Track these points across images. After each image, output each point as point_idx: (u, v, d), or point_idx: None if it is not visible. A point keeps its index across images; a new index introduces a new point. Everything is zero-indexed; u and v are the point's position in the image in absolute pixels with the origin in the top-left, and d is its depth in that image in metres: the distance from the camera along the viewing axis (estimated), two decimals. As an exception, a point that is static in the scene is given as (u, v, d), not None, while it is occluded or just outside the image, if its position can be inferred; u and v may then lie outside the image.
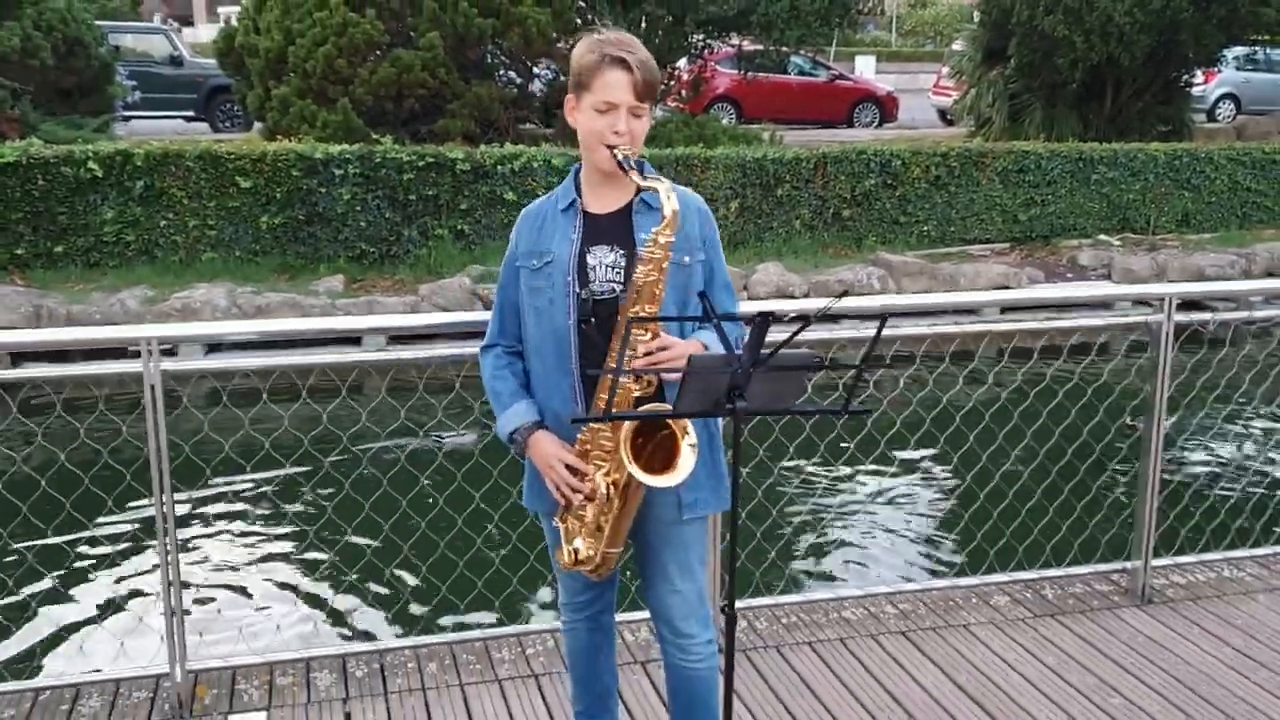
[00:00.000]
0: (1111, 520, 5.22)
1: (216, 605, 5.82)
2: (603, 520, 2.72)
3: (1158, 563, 4.62)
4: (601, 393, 2.66)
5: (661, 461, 2.60)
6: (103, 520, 6.06)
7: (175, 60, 20.08)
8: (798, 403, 2.40)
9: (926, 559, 6.45)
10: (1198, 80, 20.83)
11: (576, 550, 2.78)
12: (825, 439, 5.05)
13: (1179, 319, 4.24)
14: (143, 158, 11.15)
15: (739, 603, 4.29)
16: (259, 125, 15.47)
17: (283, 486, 4.94)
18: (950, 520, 6.93)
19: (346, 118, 13.28)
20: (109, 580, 6.04)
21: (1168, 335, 4.22)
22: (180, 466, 3.73)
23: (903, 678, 3.88)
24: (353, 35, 13.32)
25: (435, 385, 4.97)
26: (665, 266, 2.61)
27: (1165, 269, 13.32)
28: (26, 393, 7.21)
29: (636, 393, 2.65)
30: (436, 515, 4.51)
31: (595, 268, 2.73)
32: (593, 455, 2.70)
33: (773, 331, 2.33)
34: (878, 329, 2.27)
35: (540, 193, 11.18)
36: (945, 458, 7.03)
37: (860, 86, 25.10)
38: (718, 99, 21.94)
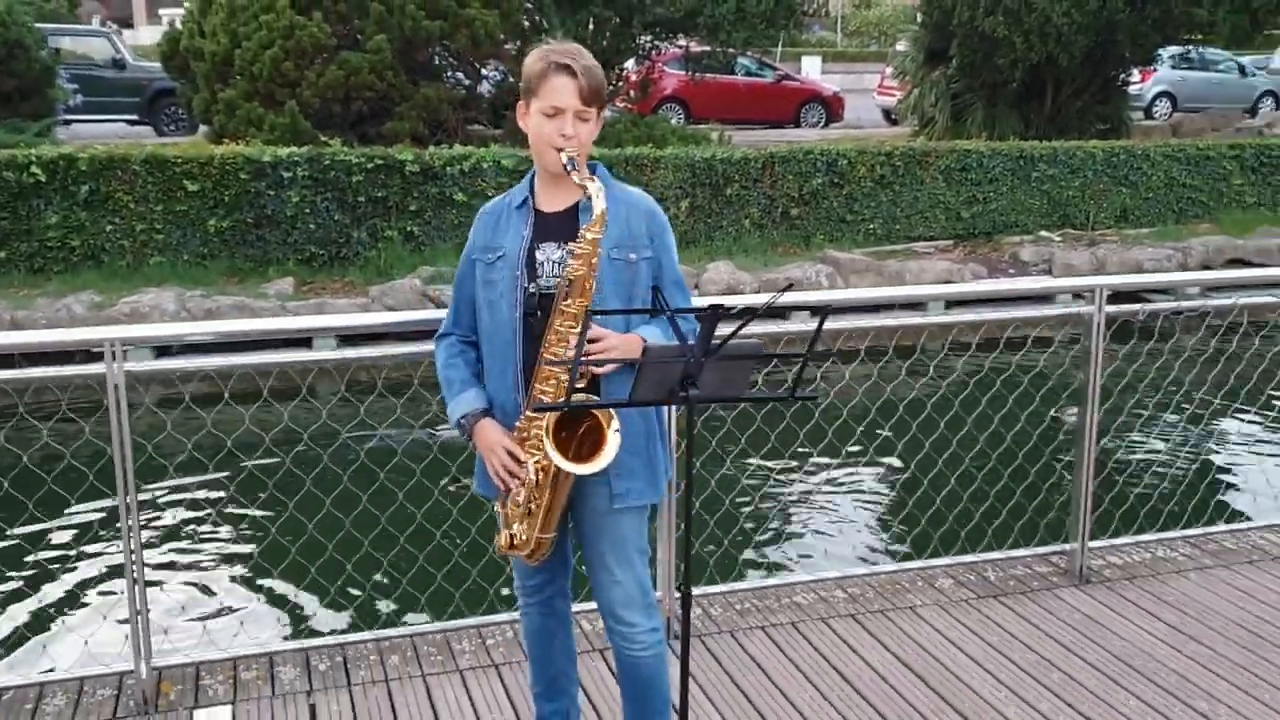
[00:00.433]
0: (1050, 505, 5.41)
1: (180, 603, 5.87)
2: (534, 505, 2.85)
3: (1095, 544, 4.80)
4: (536, 382, 2.79)
5: (590, 450, 2.73)
6: (65, 521, 6.09)
7: (118, 63, 19.88)
8: (747, 391, 2.53)
9: (874, 545, 6.64)
10: (1135, 79, 21.31)
11: (513, 535, 2.91)
12: (776, 430, 5.18)
13: (1110, 310, 4.42)
14: (87, 162, 11.08)
15: (693, 590, 4.41)
16: (205, 129, 15.39)
17: (244, 485, 5.00)
18: (896, 507, 7.12)
19: (294, 120, 13.27)
20: (72, 580, 6.07)
21: (1099, 326, 4.39)
22: (141, 467, 3.78)
23: (852, 658, 4.02)
24: (300, 38, 13.31)
25: (391, 383, 5.05)
26: (594, 262, 2.75)
27: (1104, 263, 13.62)
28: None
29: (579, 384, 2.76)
30: (396, 510, 4.59)
31: (543, 263, 2.87)
32: (528, 443, 2.83)
33: (727, 326, 2.45)
34: (820, 321, 2.40)
35: (490, 193, 11.28)
36: (890, 447, 7.21)
37: (807, 87, 25.39)
38: (666, 99, 22.10)
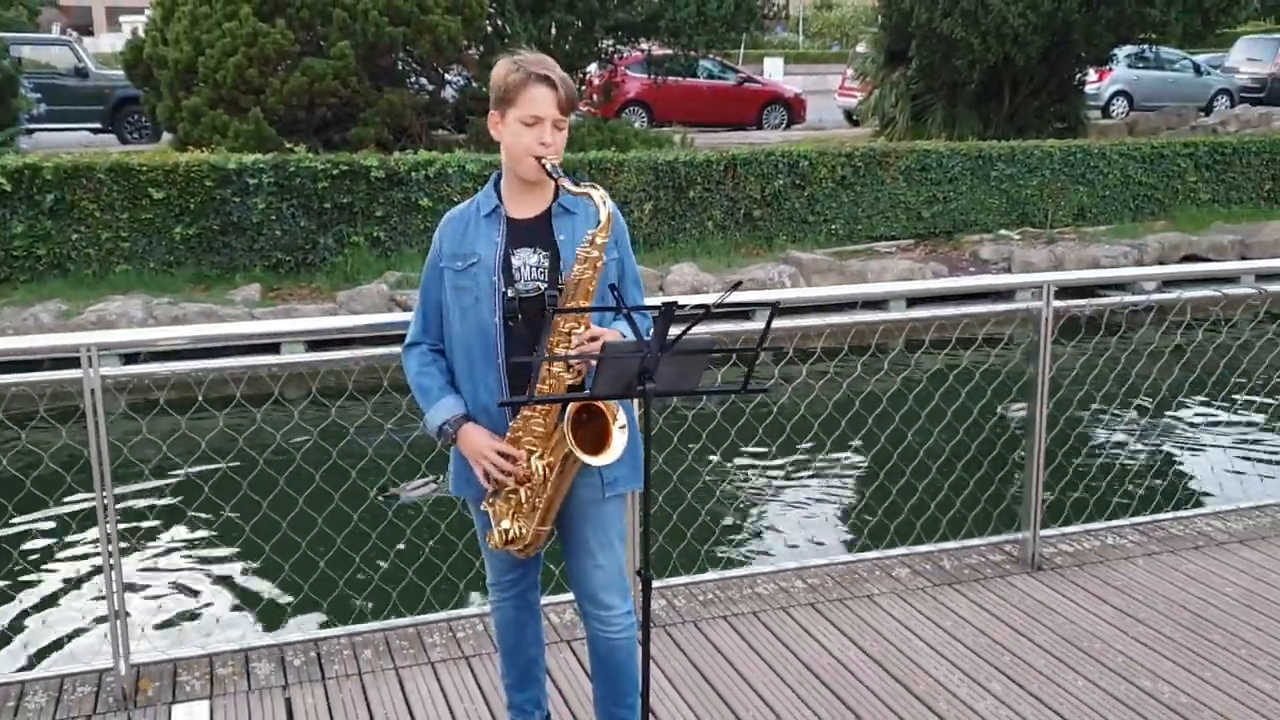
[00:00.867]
0: (1003, 495, 5.57)
1: (157, 602, 5.96)
2: (536, 501, 2.95)
3: (1046, 533, 4.97)
4: (541, 383, 2.88)
5: (590, 444, 2.84)
6: (44, 525, 6.15)
7: (80, 72, 19.82)
8: (701, 384, 2.66)
9: (832, 536, 6.80)
10: (1092, 78, 21.64)
11: (506, 530, 3.00)
12: (736, 425, 5.32)
13: (1057, 305, 4.58)
14: (52, 170, 11.09)
15: (658, 582, 4.55)
16: (169, 136, 15.38)
17: (217, 487, 5.09)
18: (853, 499, 7.29)
19: (259, 127, 13.30)
20: (51, 581, 6.16)
21: (1047, 320, 4.55)
22: (116, 471, 3.87)
23: (812, 645, 4.15)
24: (263, 45, 13.34)
25: (360, 387, 5.15)
26: (600, 265, 2.87)
27: (1063, 260, 13.85)
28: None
29: (570, 380, 2.89)
30: (367, 509, 4.70)
31: (520, 268, 2.96)
32: (524, 441, 2.93)
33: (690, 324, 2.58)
34: (769, 317, 2.54)
35: (456, 198, 11.38)
36: (848, 443, 7.38)
37: (769, 89, 25.56)
38: (629, 103, 22.24)
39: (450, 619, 4.32)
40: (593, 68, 17.92)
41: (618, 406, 2.84)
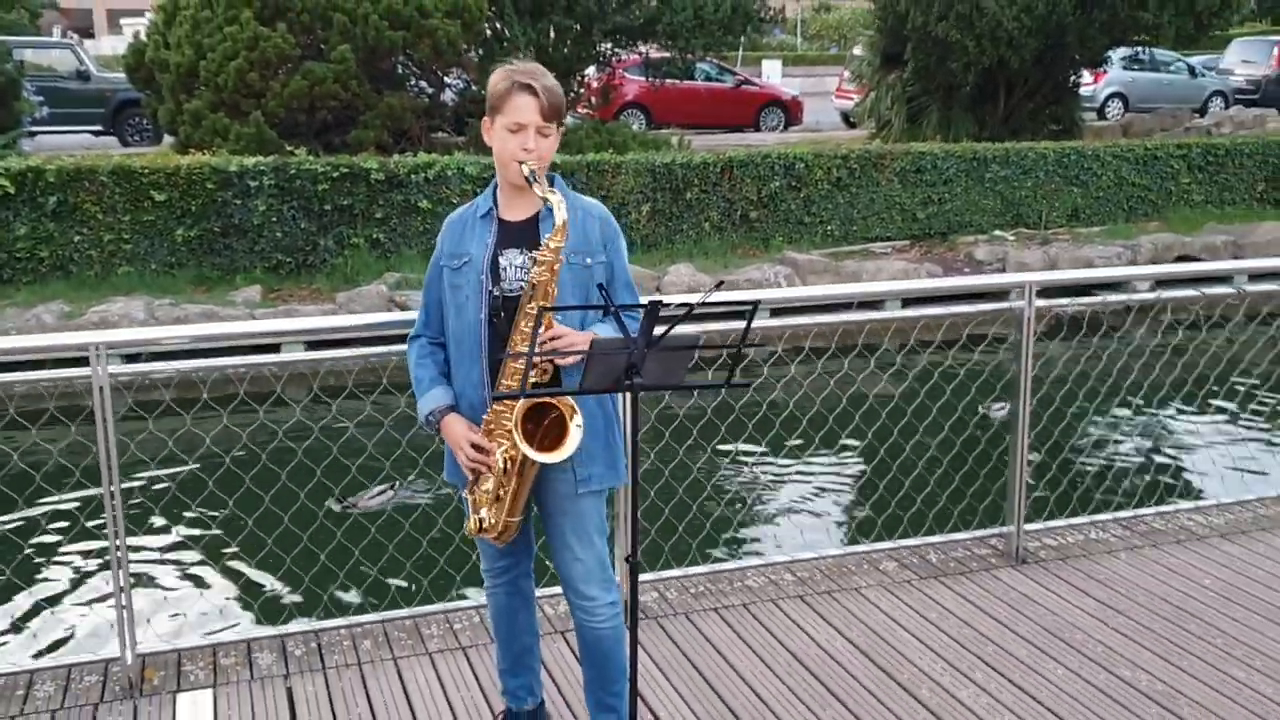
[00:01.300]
0: (988, 490, 5.68)
1: (162, 594, 6.08)
2: (501, 491, 3.09)
3: (1031, 527, 5.08)
4: (503, 378, 3.02)
5: (554, 440, 2.97)
6: (52, 519, 6.27)
7: (82, 74, 19.94)
8: (687, 379, 2.78)
9: (822, 530, 6.90)
10: (1087, 80, 21.75)
11: (481, 519, 3.14)
12: (726, 422, 5.43)
13: (1039, 304, 4.70)
14: (55, 173, 11.20)
15: (650, 575, 4.66)
16: (170, 139, 15.49)
17: (221, 482, 5.20)
18: (842, 494, 7.40)
19: (259, 130, 13.41)
20: (59, 574, 6.29)
21: (1029, 319, 4.66)
22: (121, 466, 3.97)
23: (801, 637, 4.26)
24: (264, 49, 13.45)
25: (359, 385, 5.26)
26: (556, 268, 2.98)
27: (1057, 261, 13.96)
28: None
29: (533, 378, 3.01)
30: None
31: (507, 269, 3.10)
32: (495, 434, 3.07)
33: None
34: (750, 314, 2.65)
35: (455, 200, 11.49)
36: (836, 438, 7.49)
37: (766, 91, 25.64)
38: (627, 105, 22.32)
39: (447, 611, 4.43)
40: (591, 71, 18.02)
41: (575, 405, 2.95)
